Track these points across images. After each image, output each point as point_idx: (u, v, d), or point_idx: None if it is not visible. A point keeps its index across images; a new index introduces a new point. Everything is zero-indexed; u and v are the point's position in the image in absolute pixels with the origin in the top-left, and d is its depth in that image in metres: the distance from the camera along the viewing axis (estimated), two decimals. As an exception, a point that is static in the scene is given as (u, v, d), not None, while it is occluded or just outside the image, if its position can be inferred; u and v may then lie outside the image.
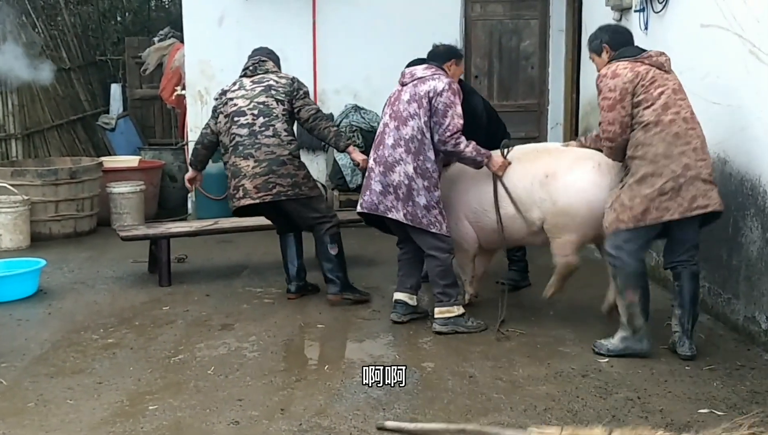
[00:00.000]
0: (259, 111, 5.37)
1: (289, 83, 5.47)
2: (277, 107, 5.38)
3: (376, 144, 5.03)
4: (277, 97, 5.39)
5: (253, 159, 5.30)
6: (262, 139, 5.32)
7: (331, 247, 5.47)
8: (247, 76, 5.57)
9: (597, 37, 4.65)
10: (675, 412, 3.71)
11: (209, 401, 3.91)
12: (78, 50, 11.01)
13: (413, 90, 4.90)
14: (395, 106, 4.94)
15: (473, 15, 8.77)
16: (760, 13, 4.38)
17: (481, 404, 3.83)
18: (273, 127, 5.34)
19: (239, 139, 5.38)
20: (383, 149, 4.93)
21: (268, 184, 5.29)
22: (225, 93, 5.59)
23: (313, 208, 5.47)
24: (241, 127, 5.38)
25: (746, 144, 4.60)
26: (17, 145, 9.05)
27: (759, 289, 4.47)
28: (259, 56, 5.67)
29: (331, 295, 5.48)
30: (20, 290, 5.74)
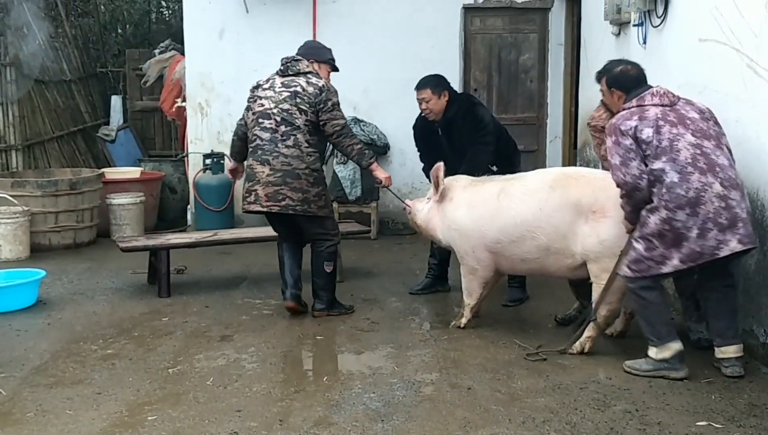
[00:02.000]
0: (282, 118, 5.26)
1: (317, 93, 5.26)
2: (300, 117, 5.24)
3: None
4: (301, 107, 5.24)
5: (269, 166, 5.24)
6: (281, 148, 5.23)
7: (327, 265, 5.45)
8: (279, 75, 5.41)
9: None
10: (673, 424, 3.72)
11: (208, 412, 3.91)
12: (79, 62, 11.05)
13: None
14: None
15: (473, 29, 8.82)
16: (758, 28, 4.41)
17: (480, 416, 3.83)
18: (294, 137, 5.24)
19: (260, 143, 5.30)
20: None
21: (278, 196, 5.24)
22: (258, 88, 5.44)
23: (319, 224, 5.42)
24: (264, 130, 5.29)
25: (744, 158, 4.61)
26: (17, 156, 9.06)
27: (757, 303, 4.48)
28: (294, 55, 5.48)
29: (317, 311, 5.49)
30: (20, 301, 5.75)
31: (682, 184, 4.11)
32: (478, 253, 5.00)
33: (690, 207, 4.10)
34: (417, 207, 5.39)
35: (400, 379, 4.31)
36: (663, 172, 4.14)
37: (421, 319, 5.45)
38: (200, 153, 8.66)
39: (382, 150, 8.38)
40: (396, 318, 5.47)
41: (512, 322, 5.31)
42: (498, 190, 4.95)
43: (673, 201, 4.11)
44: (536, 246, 4.77)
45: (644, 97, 4.34)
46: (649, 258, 4.22)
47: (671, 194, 4.12)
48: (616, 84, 4.54)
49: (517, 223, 4.79)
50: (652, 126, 4.21)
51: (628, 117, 4.29)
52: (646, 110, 4.28)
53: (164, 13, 14.14)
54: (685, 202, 4.10)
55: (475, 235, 4.97)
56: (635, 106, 4.34)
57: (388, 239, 8.28)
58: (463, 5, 8.71)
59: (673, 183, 4.12)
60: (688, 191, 4.10)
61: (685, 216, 4.10)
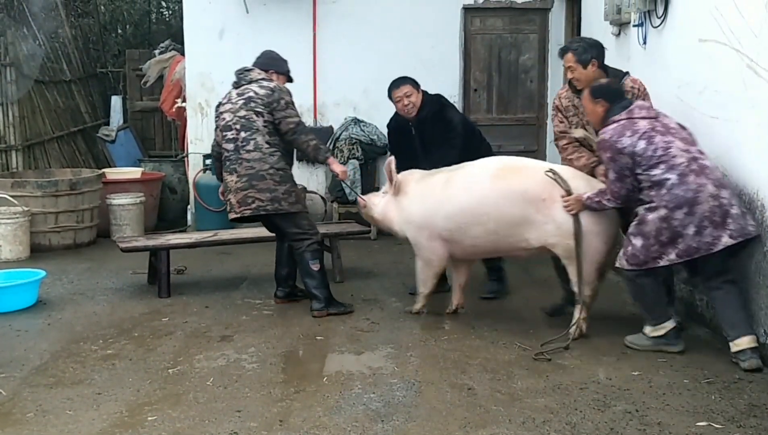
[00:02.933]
0: (242, 125, 5.42)
1: (269, 93, 5.42)
2: (257, 120, 5.40)
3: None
4: (256, 110, 5.40)
5: (236, 174, 5.41)
6: (243, 154, 5.39)
7: (312, 264, 5.49)
8: (234, 87, 5.60)
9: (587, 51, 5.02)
10: (673, 425, 3.72)
11: (208, 412, 3.91)
12: (79, 62, 11.05)
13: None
14: None
15: (473, 29, 8.82)
16: (758, 28, 4.41)
17: (480, 416, 3.83)
18: (254, 141, 5.39)
19: (227, 154, 5.50)
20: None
21: (248, 199, 5.38)
22: (219, 105, 5.65)
23: (293, 223, 5.50)
24: (228, 141, 5.48)
25: (744, 158, 4.62)
26: (18, 157, 9.06)
27: (757, 303, 4.48)
28: (245, 66, 5.69)
29: (316, 311, 5.50)
30: (20, 301, 5.75)
31: (681, 185, 4.40)
32: (431, 242, 5.21)
33: (688, 206, 4.38)
34: (373, 201, 5.56)
35: (400, 379, 4.31)
36: (663, 177, 4.44)
37: (421, 320, 5.44)
38: (200, 153, 8.65)
39: (382, 150, 8.37)
40: (396, 318, 5.47)
41: (512, 321, 5.31)
42: (444, 180, 5.18)
43: (673, 201, 4.40)
44: (484, 231, 5.02)
45: (633, 110, 4.62)
46: (646, 253, 4.49)
47: (671, 195, 4.41)
48: (601, 95, 4.76)
49: (462, 209, 5.03)
50: (645, 138, 4.50)
51: (621, 132, 4.55)
52: (636, 123, 4.56)
53: (164, 13, 14.15)
54: (683, 201, 4.39)
55: (427, 225, 5.19)
56: (625, 118, 4.59)
57: (388, 239, 8.24)
58: (463, 5, 8.71)
59: (673, 184, 4.41)
60: (687, 192, 4.39)
61: (683, 215, 4.39)
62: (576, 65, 5.07)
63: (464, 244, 5.16)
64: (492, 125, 8.68)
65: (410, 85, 5.81)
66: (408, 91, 5.79)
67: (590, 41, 5.21)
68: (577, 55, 5.06)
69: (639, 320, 4.90)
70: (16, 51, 9.19)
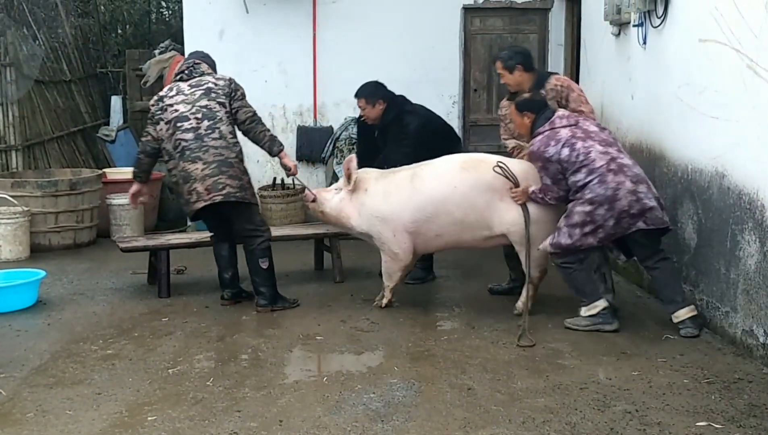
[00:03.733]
0: (203, 114, 5.44)
1: (227, 84, 5.54)
2: (220, 110, 5.47)
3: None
4: (218, 100, 5.48)
5: (201, 161, 5.38)
6: (209, 142, 5.39)
7: (261, 262, 5.57)
8: (183, 81, 5.61)
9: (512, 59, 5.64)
10: (673, 425, 3.72)
11: (208, 412, 3.91)
12: (79, 62, 11.05)
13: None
14: None
15: (472, 29, 8.82)
16: (758, 28, 4.42)
17: (480, 416, 3.84)
18: (219, 130, 5.42)
19: (185, 144, 5.44)
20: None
21: (218, 185, 5.36)
22: (162, 99, 5.59)
23: (249, 218, 5.56)
24: (186, 131, 5.43)
25: (744, 158, 4.63)
26: (17, 157, 9.06)
27: (757, 303, 4.48)
28: (192, 60, 5.75)
29: (260, 307, 5.60)
30: (20, 301, 5.75)
31: (602, 185, 4.92)
32: (399, 236, 5.46)
33: (608, 203, 4.92)
34: (325, 196, 5.68)
35: (400, 379, 4.31)
36: (586, 180, 4.96)
37: (421, 320, 5.44)
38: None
39: (382, 150, 8.38)
40: (396, 318, 5.47)
41: (512, 321, 5.31)
42: (410, 175, 5.47)
43: (595, 199, 4.94)
44: (451, 221, 5.35)
45: (554, 121, 5.12)
46: (569, 241, 5.03)
47: (594, 193, 4.94)
48: (528, 108, 5.26)
49: (433, 200, 5.34)
50: (567, 146, 5.00)
51: (546, 143, 5.06)
52: (558, 133, 5.06)
53: (164, 13, 14.15)
54: (604, 199, 4.92)
55: (395, 218, 5.43)
56: (548, 129, 5.10)
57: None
58: (463, 5, 8.71)
59: (595, 186, 4.93)
60: (607, 190, 4.91)
61: (604, 211, 4.93)
62: (504, 71, 5.68)
63: (429, 236, 5.45)
64: (492, 125, 8.65)
65: (364, 100, 6.13)
66: (361, 105, 6.15)
67: (517, 49, 5.90)
68: (504, 62, 5.66)
69: (636, 320, 4.89)
70: (16, 51, 9.19)
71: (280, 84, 8.69)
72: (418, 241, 5.50)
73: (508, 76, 5.66)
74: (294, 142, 8.71)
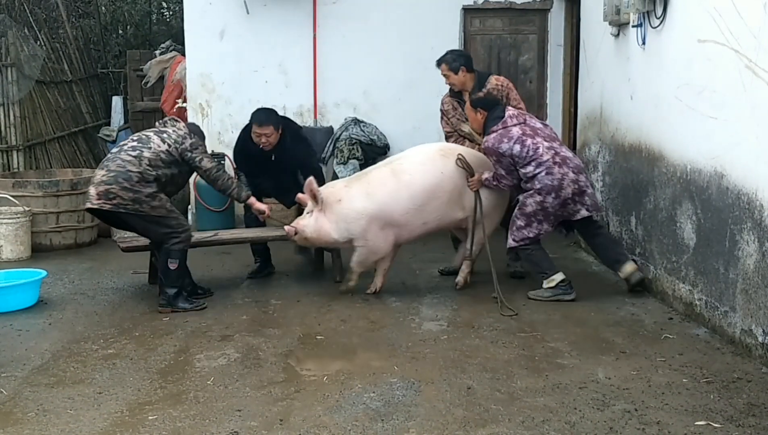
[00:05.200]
0: (139, 139, 5.69)
1: (184, 137, 5.70)
2: (158, 143, 5.61)
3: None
4: (162, 137, 5.65)
5: (105, 169, 5.57)
6: (121, 156, 5.55)
7: (171, 262, 5.63)
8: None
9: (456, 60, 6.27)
10: (672, 424, 3.73)
11: (208, 411, 3.93)
12: (80, 63, 11.07)
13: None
14: None
15: (472, 30, 8.83)
16: (757, 29, 4.43)
17: (479, 416, 3.85)
18: (139, 151, 5.56)
19: (107, 155, 5.72)
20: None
21: (110, 194, 5.47)
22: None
23: (162, 224, 5.61)
24: (117, 147, 5.74)
25: (742, 158, 4.64)
26: (19, 157, 9.09)
27: (756, 303, 4.49)
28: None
29: (160, 306, 5.67)
30: (21, 301, 5.76)
31: (549, 177, 5.61)
32: (383, 231, 5.78)
33: (555, 192, 5.63)
34: (303, 224, 5.85)
35: (399, 379, 4.32)
36: (535, 172, 5.63)
37: (421, 319, 5.46)
38: (201, 153, 8.65)
39: (382, 150, 8.40)
40: (396, 318, 5.48)
41: (512, 321, 5.33)
42: (388, 172, 5.85)
43: (544, 189, 5.63)
44: (437, 206, 5.84)
45: (506, 120, 5.72)
46: (528, 230, 5.75)
47: (542, 184, 5.63)
48: (481, 106, 5.87)
49: (425, 187, 5.78)
50: (518, 142, 5.64)
51: (500, 140, 5.67)
52: (510, 131, 5.68)
53: (165, 14, 14.17)
54: (551, 189, 5.62)
55: (382, 214, 5.74)
56: (501, 128, 5.69)
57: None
58: (463, 6, 8.72)
59: (542, 177, 5.62)
60: (553, 181, 5.61)
61: (552, 199, 5.65)
62: (449, 72, 6.28)
63: (416, 225, 5.85)
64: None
65: (272, 127, 6.26)
66: (269, 132, 6.25)
67: (459, 52, 6.50)
68: (449, 64, 6.26)
69: (632, 320, 4.89)
70: (17, 51, 9.21)
71: (281, 84, 8.71)
72: (404, 232, 5.85)
73: (454, 77, 6.26)
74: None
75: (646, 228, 6.07)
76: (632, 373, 4.36)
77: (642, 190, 6.11)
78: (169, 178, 5.66)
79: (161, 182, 5.60)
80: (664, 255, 5.70)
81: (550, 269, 5.80)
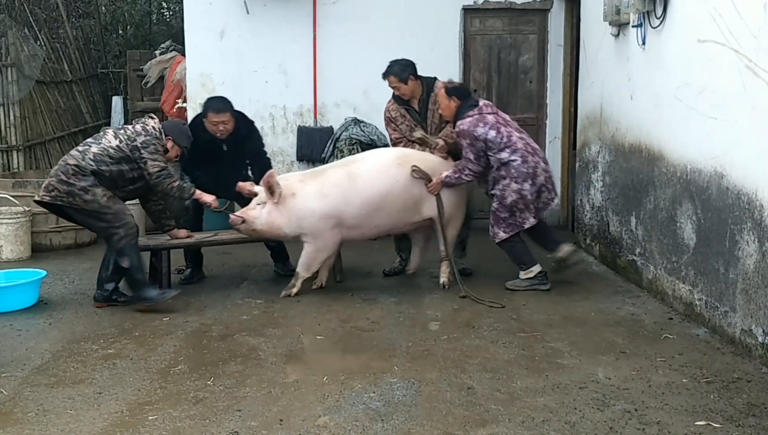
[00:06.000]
0: (95, 135, 5.85)
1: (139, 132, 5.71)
2: (110, 139, 5.68)
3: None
4: (118, 133, 5.74)
5: (57, 164, 5.74)
6: (72, 152, 5.73)
7: (121, 260, 5.67)
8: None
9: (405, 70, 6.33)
10: (672, 424, 3.73)
11: (208, 411, 3.93)
12: (80, 63, 11.08)
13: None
14: None
15: (472, 30, 8.84)
16: (757, 29, 4.43)
17: (479, 416, 3.85)
18: (88, 146, 5.67)
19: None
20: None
21: (49, 186, 5.61)
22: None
23: (99, 218, 5.64)
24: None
25: (742, 158, 4.64)
26: (19, 157, 9.09)
27: (756, 303, 4.49)
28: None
29: (96, 302, 5.79)
30: (21, 301, 5.77)
31: (524, 164, 5.84)
32: (334, 231, 5.88)
33: (531, 179, 5.87)
34: (252, 214, 5.85)
35: (400, 379, 4.32)
36: (510, 158, 5.84)
37: (421, 319, 5.46)
38: (201, 153, 8.65)
39: (382, 150, 8.40)
40: (396, 318, 5.48)
41: (512, 321, 5.33)
42: (344, 174, 5.90)
43: (521, 176, 5.85)
44: (390, 212, 5.93)
45: (482, 108, 5.93)
46: (512, 221, 5.96)
47: (518, 172, 5.84)
48: (456, 94, 6.03)
49: (378, 194, 5.86)
50: (494, 128, 5.84)
51: (476, 124, 5.85)
52: (486, 117, 5.88)
53: (165, 14, 14.18)
54: (527, 176, 5.85)
55: (335, 215, 5.82)
56: (477, 114, 5.88)
57: (388, 239, 8.28)
58: (463, 6, 8.72)
59: (518, 164, 5.84)
60: (528, 169, 5.85)
61: (528, 186, 5.87)
62: (399, 84, 6.33)
63: (369, 228, 5.99)
64: (492, 126, 8.70)
65: (229, 114, 6.28)
66: (227, 119, 6.26)
67: (404, 62, 6.42)
68: (398, 75, 6.32)
69: (632, 320, 4.89)
70: (17, 51, 9.22)
71: (281, 84, 8.71)
72: (355, 233, 5.98)
73: (404, 87, 6.33)
74: (294, 142, 8.73)
75: (646, 228, 6.07)
76: (632, 373, 4.36)
77: (642, 190, 6.11)
78: (117, 174, 5.67)
79: (106, 178, 5.63)
80: (664, 255, 5.70)
81: (531, 262, 6.02)
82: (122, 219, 5.67)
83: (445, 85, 6.13)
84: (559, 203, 9.00)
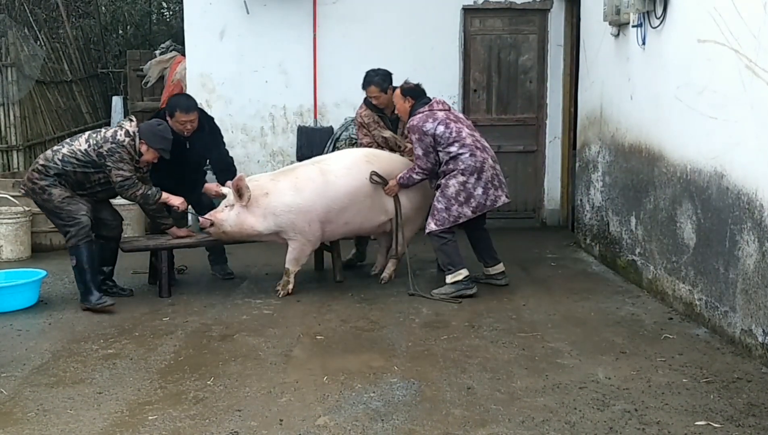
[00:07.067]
0: (73, 136, 6.04)
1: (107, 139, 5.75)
2: (81, 142, 5.80)
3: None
4: (89, 136, 5.84)
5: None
6: (47, 150, 5.95)
7: (70, 259, 5.76)
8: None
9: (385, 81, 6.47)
10: (672, 424, 3.73)
11: (208, 411, 3.93)
12: (80, 63, 11.08)
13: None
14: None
15: (472, 30, 8.84)
16: (757, 29, 4.43)
17: (479, 416, 3.85)
18: (62, 146, 5.83)
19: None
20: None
21: (23, 181, 5.92)
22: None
23: (56, 216, 5.80)
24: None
25: (742, 158, 4.64)
26: (19, 157, 9.09)
27: (756, 303, 4.49)
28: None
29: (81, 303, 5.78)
30: (21, 301, 5.77)
31: (472, 158, 5.87)
32: (313, 225, 5.95)
33: (477, 173, 5.88)
34: (221, 217, 5.89)
35: (400, 379, 4.32)
36: (458, 152, 5.87)
37: (421, 319, 5.46)
38: (201, 153, 8.66)
39: (382, 150, 8.40)
40: (396, 318, 5.48)
41: (512, 321, 5.33)
42: (317, 171, 6.02)
43: (467, 169, 5.87)
44: (359, 209, 6.06)
45: (432, 105, 6.04)
46: (446, 215, 5.91)
47: (465, 165, 5.87)
48: (411, 94, 6.15)
49: (348, 190, 5.99)
50: (443, 124, 5.90)
51: (425, 120, 5.93)
52: (435, 114, 5.96)
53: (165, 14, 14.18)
54: (474, 169, 5.87)
55: (311, 210, 5.91)
56: (427, 110, 5.99)
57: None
58: (463, 6, 8.72)
59: (466, 157, 5.87)
60: (476, 162, 5.88)
61: (474, 180, 5.88)
62: (379, 93, 6.47)
63: (338, 224, 6.06)
64: (492, 126, 8.71)
65: (197, 113, 6.28)
66: (195, 118, 6.24)
67: (383, 72, 6.54)
68: (380, 86, 6.46)
69: (632, 320, 4.89)
70: (17, 51, 9.21)
71: (281, 84, 8.71)
72: (327, 229, 6.05)
73: (384, 97, 6.46)
74: (294, 142, 8.73)
75: (646, 228, 6.07)
76: (632, 373, 4.36)
77: (642, 190, 6.11)
78: (83, 177, 5.77)
79: (72, 179, 5.74)
80: (664, 255, 5.70)
81: (459, 264, 5.96)
82: (75, 219, 5.74)
83: (401, 86, 6.22)
84: (559, 203, 9.01)
